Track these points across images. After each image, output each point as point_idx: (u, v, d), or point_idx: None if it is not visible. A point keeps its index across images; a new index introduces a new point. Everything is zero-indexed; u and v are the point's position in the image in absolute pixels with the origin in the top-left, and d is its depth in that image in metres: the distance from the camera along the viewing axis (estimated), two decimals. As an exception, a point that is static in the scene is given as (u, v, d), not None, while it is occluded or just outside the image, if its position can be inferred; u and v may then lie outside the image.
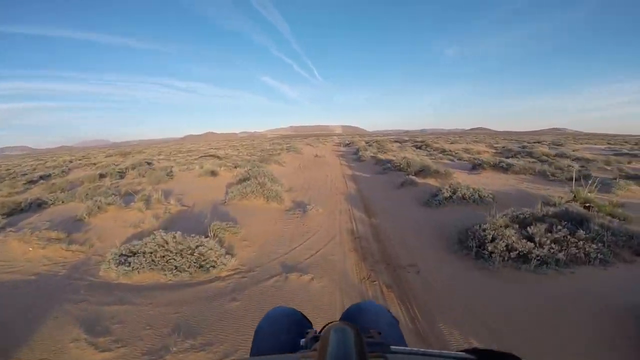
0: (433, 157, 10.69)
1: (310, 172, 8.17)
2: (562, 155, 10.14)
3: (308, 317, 0.98)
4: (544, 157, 9.80)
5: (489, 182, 6.28)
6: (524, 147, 13.79)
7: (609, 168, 7.20)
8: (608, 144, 20.06)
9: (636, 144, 21.31)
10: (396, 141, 21.94)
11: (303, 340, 0.68)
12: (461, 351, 0.49)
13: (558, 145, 18.08)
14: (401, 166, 7.17)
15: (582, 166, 7.38)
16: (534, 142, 21.16)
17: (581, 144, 19.91)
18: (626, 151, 12.88)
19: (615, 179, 5.84)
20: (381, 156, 9.33)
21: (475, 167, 7.71)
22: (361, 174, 7.69)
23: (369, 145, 16.70)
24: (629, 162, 8.79)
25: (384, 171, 7.43)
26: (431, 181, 5.76)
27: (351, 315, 0.95)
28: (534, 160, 9.55)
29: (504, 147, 13.67)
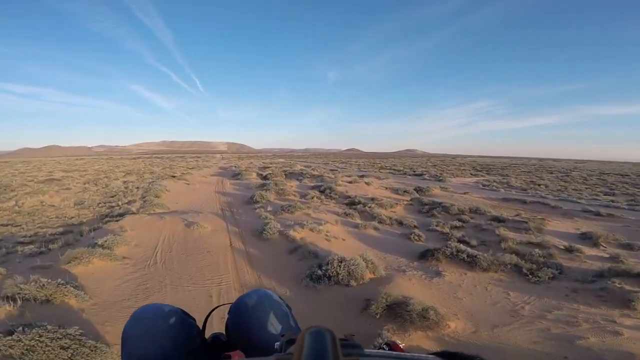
0: (352, 220, 8.43)
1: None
2: (476, 212, 9.41)
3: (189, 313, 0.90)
4: (466, 217, 8.80)
5: (469, 302, 4.15)
6: (421, 190, 13.22)
7: (562, 246, 6.23)
8: (472, 175, 22.71)
9: (488, 172, 24.94)
10: (290, 173, 19.43)
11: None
12: (431, 354, 0.50)
13: (439, 180, 19.13)
14: (340, 277, 4.36)
15: (536, 244, 6.22)
16: (415, 173, 22.38)
17: (453, 176, 21.95)
18: (504, 192, 13.83)
19: (609, 279, 4.58)
20: (294, 234, 6.34)
21: (425, 256, 5.63)
22: (276, 285, 4.50)
23: (264, 185, 13.49)
24: (545, 220, 8.45)
25: (313, 281, 4.43)
26: (418, 337, 3.11)
27: (242, 307, 0.91)
28: (457, 221, 8.41)
29: (406, 192, 12.75)
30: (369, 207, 9.67)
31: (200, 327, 0.93)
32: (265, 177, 17.84)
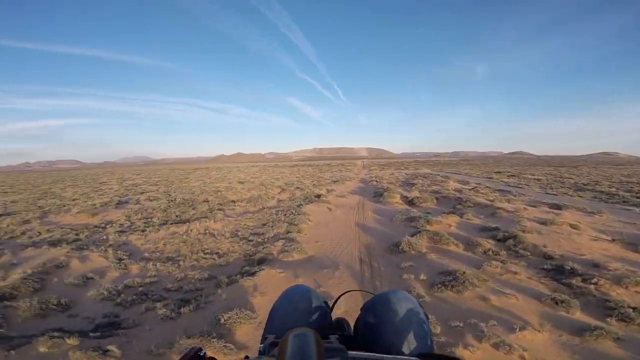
0: (567, 315, 5.07)
1: None
2: None
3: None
4: None
5: None
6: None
7: None
8: None
9: None
10: (443, 197, 16.10)
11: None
12: (414, 356, 0.54)
13: None
14: None
15: None
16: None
17: None
18: None
19: None
20: (468, 356, 3.86)
21: None
22: None
23: (412, 220, 11.15)
24: None
25: None
26: None
27: (376, 305, 0.93)
28: None
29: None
30: (593, 283, 5.89)
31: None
32: (411, 202, 15.29)
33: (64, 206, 17.59)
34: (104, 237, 10.53)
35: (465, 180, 26.33)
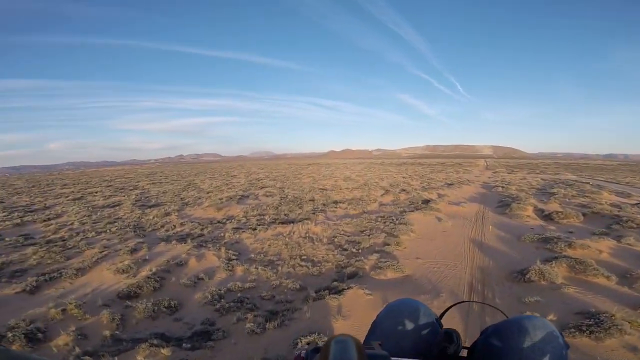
0: None
1: None
2: None
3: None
4: None
5: None
6: None
7: None
8: None
9: None
10: (594, 213, 12.15)
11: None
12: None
13: None
14: None
15: None
16: None
17: None
18: None
19: None
20: None
21: None
22: None
23: (547, 241, 8.80)
24: None
25: None
26: None
27: (504, 329, 0.82)
28: None
29: None
30: None
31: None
32: (548, 217, 12.14)
33: (199, 199, 21.00)
34: (222, 234, 11.86)
35: (625, 192, 19.51)
